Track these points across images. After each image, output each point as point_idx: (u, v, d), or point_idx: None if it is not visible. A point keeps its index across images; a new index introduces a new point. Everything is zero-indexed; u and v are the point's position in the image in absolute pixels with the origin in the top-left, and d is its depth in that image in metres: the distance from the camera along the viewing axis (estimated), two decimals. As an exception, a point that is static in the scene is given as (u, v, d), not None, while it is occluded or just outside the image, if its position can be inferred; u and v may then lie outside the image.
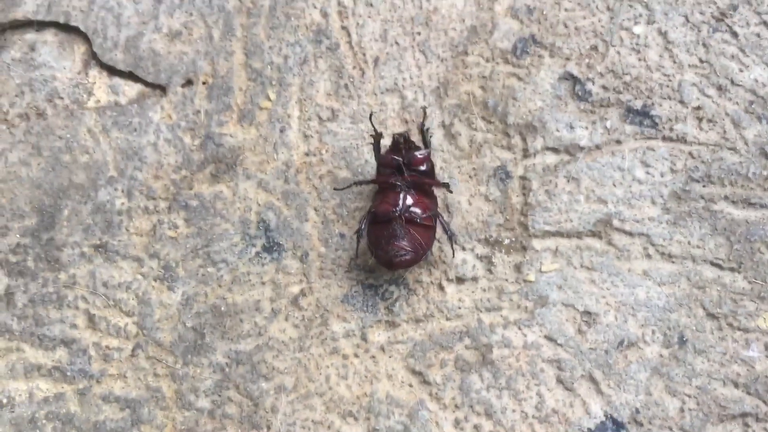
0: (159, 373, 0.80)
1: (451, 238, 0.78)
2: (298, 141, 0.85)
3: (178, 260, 0.83)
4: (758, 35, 0.82)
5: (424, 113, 0.79)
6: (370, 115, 0.80)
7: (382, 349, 0.79)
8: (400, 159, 0.77)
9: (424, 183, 0.78)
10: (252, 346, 0.80)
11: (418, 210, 0.76)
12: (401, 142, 0.78)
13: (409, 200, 0.76)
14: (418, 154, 0.78)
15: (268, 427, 0.78)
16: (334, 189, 0.82)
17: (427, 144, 0.79)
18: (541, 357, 0.77)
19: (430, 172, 0.80)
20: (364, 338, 0.79)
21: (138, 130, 0.87)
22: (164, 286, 0.82)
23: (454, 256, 0.80)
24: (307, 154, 0.85)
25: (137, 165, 0.85)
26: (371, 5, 0.88)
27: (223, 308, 0.81)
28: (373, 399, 0.78)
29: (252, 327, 0.80)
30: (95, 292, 0.82)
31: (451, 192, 0.80)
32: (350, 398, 0.78)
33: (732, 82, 0.81)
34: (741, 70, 0.82)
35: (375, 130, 0.78)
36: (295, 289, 0.81)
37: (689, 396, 0.75)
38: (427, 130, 0.79)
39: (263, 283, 0.81)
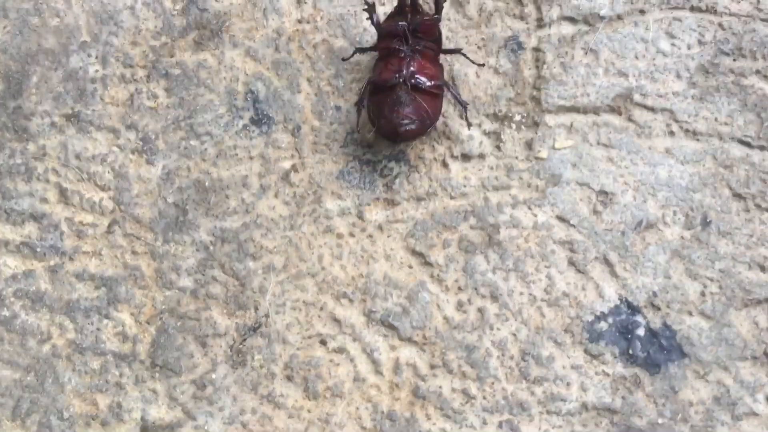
0: (137, 250, 0.74)
1: (465, 107, 0.72)
2: (290, 6, 0.78)
3: (158, 132, 0.76)
4: None
5: None
6: None
7: (380, 228, 0.74)
8: (406, 24, 0.71)
9: (431, 48, 0.71)
10: (239, 224, 0.74)
11: (423, 76, 0.69)
12: (407, 5, 0.71)
13: (414, 66, 0.70)
14: (427, 20, 0.71)
15: (256, 308, 0.73)
16: (342, 59, 0.75)
17: (439, 10, 0.72)
18: (552, 238, 0.72)
19: (437, 41, 0.73)
20: (360, 216, 0.74)
21: (114, -8, 0.79)
22: (143, 159, 0.76)
23: (470, 128, 0.73)
24: (299, 21, 0.78)
25: (113, 30, 0.78)
26: None
27: (207, 183, 0.75)
28: (369, 280, 0.72)
29: (239, 204, 0.75)
30: (67, 164, 0.76)
31: (464, 55, 0.73)
32: (345, 279, 0.73)
33: (768, -52, 0.74)
34: (778, -65, 0.74)
35: (366, 1, 0.71)
36: (286, 165, 0.75)
37: (711, 279, 0.70)
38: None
39: (251, 158, 0.75)
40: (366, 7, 0.71)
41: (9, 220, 0.75)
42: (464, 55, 0.73)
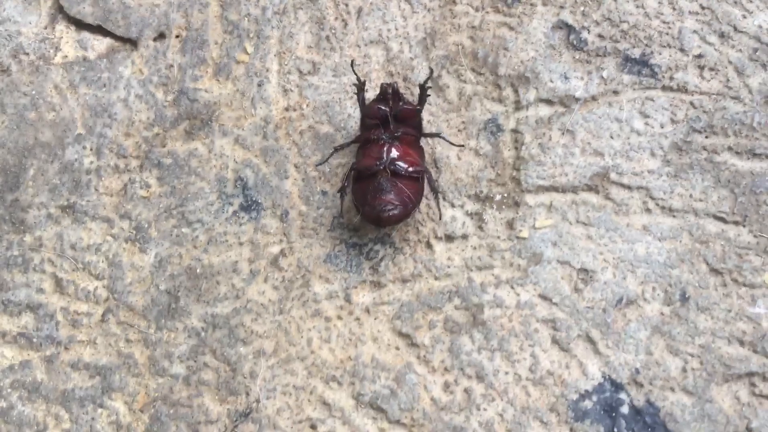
0: (131, 338, 0.76)
1: (437, 196, 0.74)
2: (277, 95, 0.81)
3: (151, 221, 0.79)
4: None
5: (430, 73, 0.74)
6: (352, 62, 0.75)
7: (367, 310, 0.75)
8: (387, 110, 0.73)
9: (412, 134, 0.73)
10: (229, 309, 0.76)
11: (404, 163, 0.72)
12: (389, 92, 0.74)
13: (395, 153, 0.72)
14: (408, 107, 0.73)
15: (247, 393, 0.74)
16: (316, 165, 0.78)
17: (422, 101, 0.74)
18: (535, 317, 0.73)
19: (417, 127, 0.75)
20: (347, 299, 0.75)
21: (107, 86, 0.82)
22: (136, 247, 0.78)
23: (441, 218, 0.75)
24: (286, 109, 0.80)
25: (107, 122, 0.81)
26: (354, -46, 0.84)
27: (198, 270, 0.77)
28: (357, 363, 0.74)
29: (229, 289, 0.76)
30: (63, 254, 0.78)
31: (443, 138, 0.75)
32: (333, 362, 0.74)
33: (735, 28, 0.78)
34: (744, 16, 0.78)
35: (358, 77, 0.74)
36: (275, 249, 0.77)
37: (692, 355, 0.71)
38: (428, 88, 0.74)
39: (241, 244, 0.77)
40: (356, 83, 0.74)
41: (6, 311, 0.77)
42: (444, 138, 0.75)
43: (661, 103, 0.77)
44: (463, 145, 0.78)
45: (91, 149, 0.80)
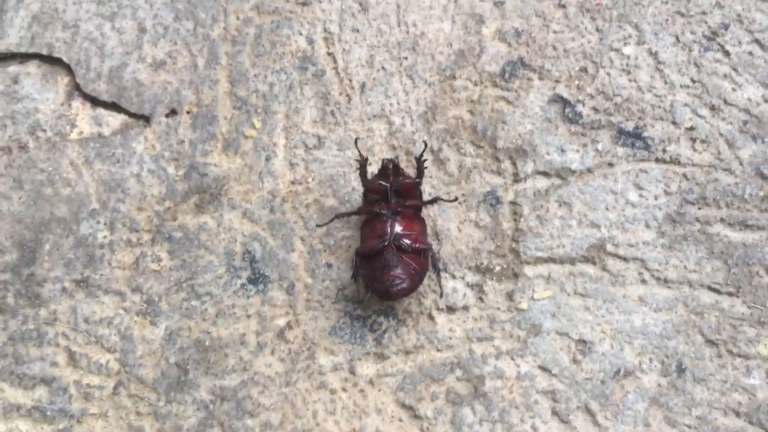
0: (141, 411, 0.78)
1: (439, 274, 0.76)
2: (284, 169, 0.83)
3: (161, 294, 0.81)
4: (750, 53, 0.81)
5: (425, 147, 0.77)
6: (356, 140, 0.78)
7: (371, 382, 0.77)
8: (388, 185, 0.75)
9: (413, 205, 0.76)
10: (237, 382, 0.78)
11: (408, 239, 0.73)
12: (390, 168, 0.76)
13: (398, 228, 0.74)
14: (408, 182, 0.76)
15: (254, 466, 0.75)
16: (317, 226, 0.80)
17: (420, 174, 0.77)
18: (535, 388, 0.75)
19: (418, 199, 0.78)
20: (352, 371, 0.77)
21: (121, 162, 0.85)
22: (147, 320, 0.80)
23: (441, 296, 0.77)
24: (293, 183, 0.83)
25: (120, 197, 0.84)
26: (357, 31, 0.87)
27: (207, 343, 0.79)
28: (362, 435, 0.75)
29: (237, 362, 0.78)
30: (76, 328, 0.80)
31: (441, 200, 0.78)
32: (338, 434, 0.76)
33: (725, 101, 0.80)
34: (734, 90, 0.80)
35: (360, 154, 0.77)
36: (282, 322, 0.79)
37: (689, 426, 0.72)
38: (424, 161, 0.77)
39: (248, 316, 0.79)
40: (359, 159, 0.77)
41: (21, 385, 0.79)
42: (442, 199, 0.78)
43: (654, 175, 0.79)
44: (455, 199, 0.80)
45: (104, 224, 0.83)
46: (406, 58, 0.86)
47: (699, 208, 0.77)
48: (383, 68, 0.86)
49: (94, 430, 0.78)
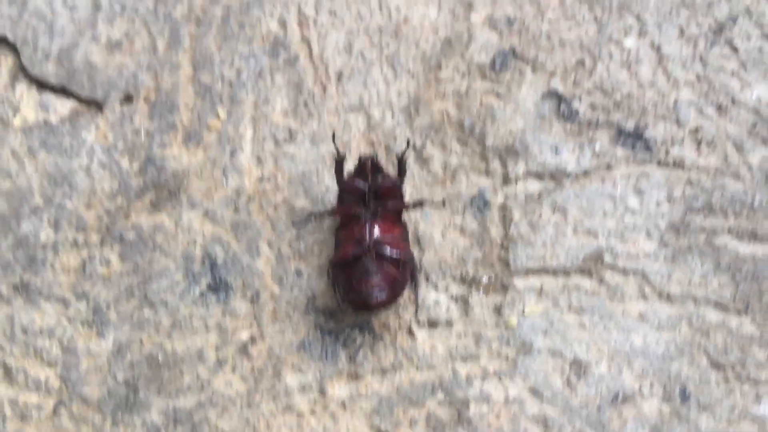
0: (84, 434, 0.71)
1: (417, 288, 0.71)
2: (250, 165, 0.77)
3: (110, 302, 0.75)
4: (760, 50, 0.77)
5: (408, 144, 0.72)
6: (333, 135, 0.72)
7: (343, 405, 0.71)
8: (366, 185, 0.70)
9: (393, 208, 0.71)
10: (193, 403, 0.72)
11: (388, 246, 0.69)
12: (368, 166, 0.71)
13: (377, 232, 0.69)
14: (388, 182, 0.70)
15: (210, 499, 0.69)
16: (292, 223, 0.74)
17: (402, 174, 0.72)
18: (524, 414, 0.70)
19: (399, 200, 0.72)
20: (322, 392, 0.72)
21: (69, 152, 0.79)
22: (93, 331, 0.74)
23: (417, 314, 0.72)
24: (260, 180, 0.77)
25: (66, 192, 0.77)
26: (335, 14, 0.81)
27: (160, 358, 0.73)
28: (332, 464, 0.69)
29: (193, 380, 0.72)
30: (13, 339, 0.74)
31: (430, 203, 0.73)
32: (306, 463, 0.69)
33: (733, 101, 0.76)
34: (742, 88, 0.76)
35: (337, 150, 0.71)
36: (244, 335, 0.73)
37: (694, 459, 0.67)
38: (406, 159, 0.72)
39: (207, 329, 0.74)
40: (336, 157, 0.71)
41: (-53, 403, 0.72)
42: (427, 201, 0.74)
43: (656, 179, 0.75)
44: (444, 202, 0.75)
45: (48, 222, 0.76)
46: (387, 46, 0.80)
47: (704, 217, 0.73)
48: (362, 56, 0.80)
49: (30, 456, 0.71)
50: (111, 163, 0.78)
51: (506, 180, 0.76)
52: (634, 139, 0.76)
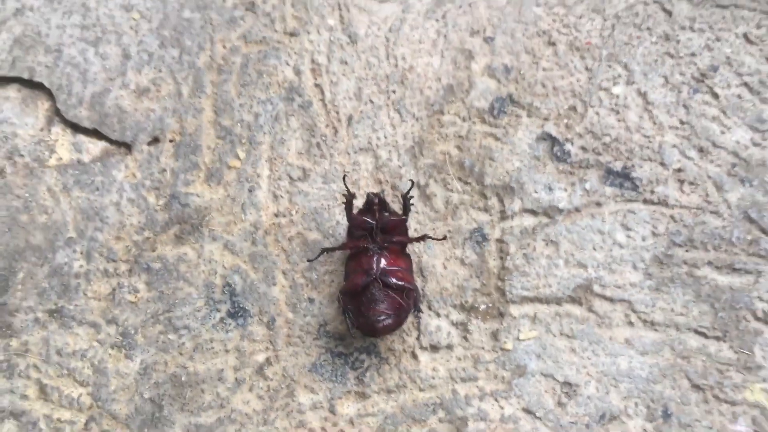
0: (113, 448, 0.75)
1: (419, 316, 0.74)
2: (267, 201, 0.82)
3: (138, 326, 0.79)
4: (739, 96, 0.81)
5: (412, 185, 0.76)
6: (344, 176, 0.77)
7: (351, 422, 0.75)
8: (374, 222, 0.74)
9: (399, 242, 0.74)
10: (213, 419, 0.75)
11: (393, 276, 0.72)
12: (375, 203, 0.75)
13: (384, 263, 0.73)
14: (394, 219, 0.74)
15: None
16: (307, 261, 0.79)
17: (406, 211, 0.76)
18: (519, 431, 0.73)
19: (404, 235, 0.76)
20: (332, 410, 0.75)
21: (100, 190, 0.83)
22: (122, 354, 0.78)
23: (419, 338, 0.76)
24: (276, 215, 0.81)
25: (98, 225, 0.82)
26: (346, 63, 0.86)
27: (183, 378, 0.77)
28: (340, 477, 0.73)
29: (214, 398, 0.76)
30: (48, 360, 0.78)
31: (430, 237, 0.76)
32: (316, 476, 0.73)
33: (714, 144, 0.79)
34: (723, 132, 0.80)
35: (348, 190, 0.75)
36: (261, 358, 0.77)
37: (676, 474, 0.71)
38: (410, 198, 0.75)
39: (227, 351, 0.77)
40: (346, 195, 0.75)
41: (-12, 419, 0.77)
42: (430, 237, 0.76)
43: (642, 216, 0.78)
44: (445, 237, 0.78)
45: (81, 253, 0.81)
46: (394, 92, 0.85)
47: (686, 251, 0.77)
48: (371, 101, 0.85)
49: (63, 468, 0.75)
50: (139, 199, 0.83)
51: (503, 216, 0.80)
52: (621, 178, 0.79)
